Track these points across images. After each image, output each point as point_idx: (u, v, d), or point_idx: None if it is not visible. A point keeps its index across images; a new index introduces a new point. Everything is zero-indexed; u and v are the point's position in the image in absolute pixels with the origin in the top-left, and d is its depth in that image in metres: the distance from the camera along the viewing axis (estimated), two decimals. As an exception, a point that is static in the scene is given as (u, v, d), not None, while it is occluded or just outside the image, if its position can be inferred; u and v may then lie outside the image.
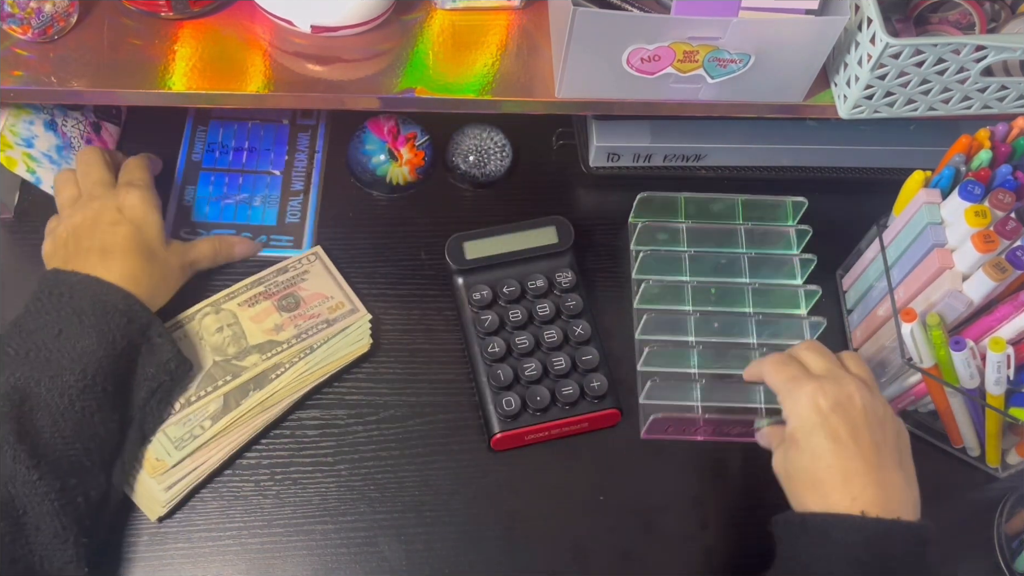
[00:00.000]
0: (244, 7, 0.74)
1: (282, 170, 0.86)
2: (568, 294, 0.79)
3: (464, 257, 0.79)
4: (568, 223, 0.81)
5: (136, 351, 0.68)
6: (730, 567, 0.73)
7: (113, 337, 0.66)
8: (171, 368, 0.70)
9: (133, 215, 0.72)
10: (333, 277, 0.80)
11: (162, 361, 0.69)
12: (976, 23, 0.75)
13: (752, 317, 0.82)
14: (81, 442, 0.63)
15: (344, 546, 0.71)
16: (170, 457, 0.70)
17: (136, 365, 0.68)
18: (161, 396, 0.70)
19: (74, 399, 0.63)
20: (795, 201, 0.85)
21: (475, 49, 0.74)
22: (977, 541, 0.76)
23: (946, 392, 0.73)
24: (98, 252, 0.69)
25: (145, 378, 0.69)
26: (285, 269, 0.79)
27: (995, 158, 0.71)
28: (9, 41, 0.70)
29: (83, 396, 0.64)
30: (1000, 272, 0.66)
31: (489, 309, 0.79)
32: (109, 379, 0.65)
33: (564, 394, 0.75)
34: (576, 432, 0.77)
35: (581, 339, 0.78)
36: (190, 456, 0.71)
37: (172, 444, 0.70)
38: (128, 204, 0.72)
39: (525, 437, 0.75)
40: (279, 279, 0.79)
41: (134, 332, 0.67)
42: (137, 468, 0.70)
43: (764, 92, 0.73)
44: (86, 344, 0.65)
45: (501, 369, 0.76)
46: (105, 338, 0.65)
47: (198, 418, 0.71)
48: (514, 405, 0.75)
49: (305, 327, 0.76)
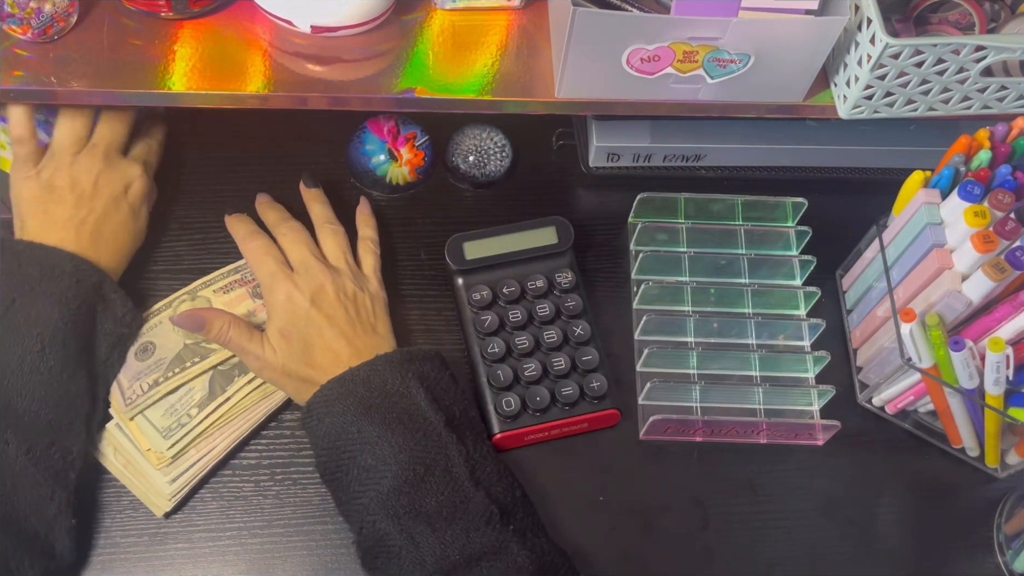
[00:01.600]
0: (244, 7, 0.74)
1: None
2: (568, 294, 0.79)
3: (464, 257, 0.79)
4: (568, 223, 0.81)
5: (92, 309, 0.70)
6: (730, 567, 0.73)
7: (65, 298, 0.68)
8: (127, 321, 0.73)
9: (134, 199, 0.76)
10: None
11: (118, 315, 0.72)
12: (976, 23, 0.75)
13: (751, 318, 0.82)
14: (53, 400, 0.66)
15: (344, 546, 0.71)
16: (164, 444, 0.70)
17: (95, 322, 0.71)
18: (121, 348, 0.73)
19: (36, 363, 0.66)
20: (795, 202, 0.85)
21: (475, 49, 0.74)
22: (977, 541, 0.76)
23: (945, 392, 0.73)
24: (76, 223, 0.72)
25: (105, 333, 0.71)
26: None
27: (995, 158, 0.71)
28: (9, 41, 0.70)
29: (45, 358, 0.66)
30: (999, 272, 0.66)
31: (489, 309, 0.79)
32: (70, 339, 0.68)
33: (564, 394, 0.75)
34: (576, 432, 0.77)
35: (581, 339, 0.78)
36: (193, 445, 0.71)
37: (160, 434, 0.70)
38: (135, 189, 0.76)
39: (525, 437, 0.75)
40: None
41: (86, 291, 0.70)
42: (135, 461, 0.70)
43: (764, 92, 0.73)
44: (40, 310, 0.67)
45: (501, 369, 0.76)
46: (58, 301, 0.68)
47: (184, 407, 0.72)
48: (514, 406, 0.75)
49: None
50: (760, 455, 0.78)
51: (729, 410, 0.78)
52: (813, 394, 0.79)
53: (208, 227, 0.83)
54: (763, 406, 0.79)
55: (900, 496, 0.77)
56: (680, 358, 0.80)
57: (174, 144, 0.86)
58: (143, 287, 0.79)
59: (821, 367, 0.80)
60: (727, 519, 0.75)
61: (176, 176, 0.86)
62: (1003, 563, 0.75)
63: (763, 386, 0.78)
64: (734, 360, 0.80)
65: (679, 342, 0.81)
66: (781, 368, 0.81)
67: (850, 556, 0.74)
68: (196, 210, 0.84)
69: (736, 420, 0.76)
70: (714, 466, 0.77)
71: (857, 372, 0.81)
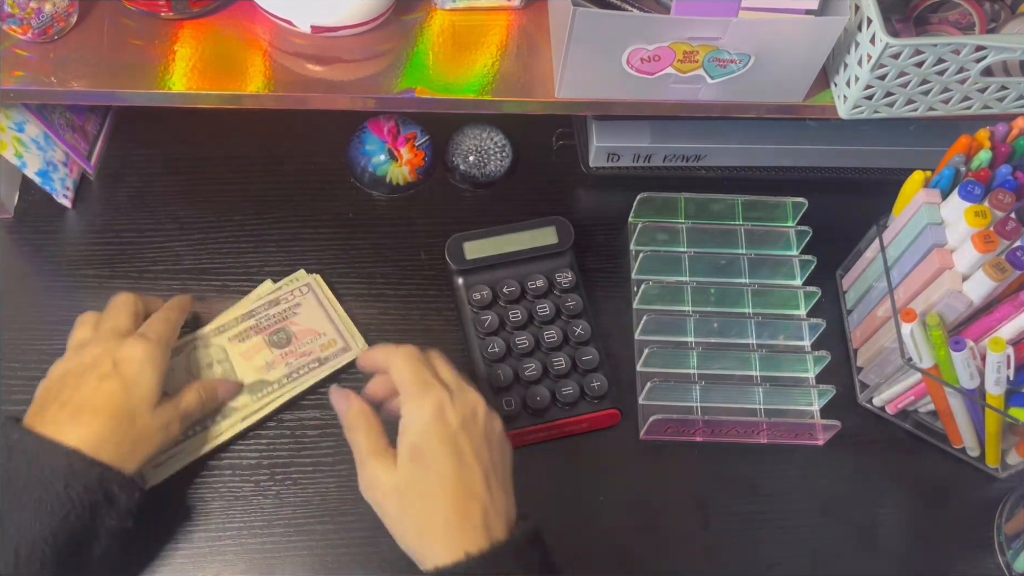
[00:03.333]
0: (244, 7, 0.74)
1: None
2: (568, 294, 0.79)
3: (464, 257, 0.79)
4: (568, 223, 0.81)
5: (88, 510, 0.59)
6: (730, 567, 0.73)
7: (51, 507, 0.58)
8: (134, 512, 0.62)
9: (127, 371, 0.64)
10: (326, 311, 0.78)
11: (124, 509, 0.61)
12: (976, 23, 0.75)
13: (752, 318, 0.82)
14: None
15: (344, 546, 0.71)
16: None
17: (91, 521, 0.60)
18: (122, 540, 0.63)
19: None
20: (795, 202, 0.85)
21: (475, 49, 0.74)
22: (977, 541, 0.76)
23: (946, 392, 0.73)
24: (71, 410, 0.62)
25: (105, 529, 0.61)
26: (277, 301, 0.77)
27: (995, 158, 0.71)
28: (9, 41, 0.70)
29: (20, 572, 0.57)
30: (1000, 272, 0.66)
31: (489, 309, 0.79)
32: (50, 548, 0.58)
33: (564, 394, 0.75)
34: (576, 432, 0.77)
35: (581, 339, 0.78)
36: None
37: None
38: (126, 357, 0.65)
39: (525, 437, 0.75)
40: (270, 312, 0.77)
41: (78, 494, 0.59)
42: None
43: (764, 92, 0.73)
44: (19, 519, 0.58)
45: (501, 369, 0.76)
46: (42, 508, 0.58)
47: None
48: (514, 405, 0.74)
49: (296, 365, 0.75)
50: (760, 455, 0.78)
51: (729, 410, 0.78)
52: (813, 394, 0.79)
53: (208, 227, 0.83)
54: (763, 406, 0.79)
55: (900, 496, 0.77)
56: (680, 358, 0.80)
57: (174, 144, 0.86)
58: (143, 287, 0.79)
59: (821, 367, 0.80)
60: (727, 519, 0.75)
61: (176, 176, 0.86)
62: (1003, 563, 0.75)
63: (763, 386, 0.78)
64: (734, 360, 0.80)
65: (679, 342, 0.81)
66: (781, 368, 0.81)
67: (850, 556, 0.74)
68: (196, 210, 0.84)
69: (736, 420, 0.76)
70: (714, 466, 0.77)
71: (857, 372, 0.81)
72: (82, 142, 0.83)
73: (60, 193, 0.82)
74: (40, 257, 0.81)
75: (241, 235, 0.84)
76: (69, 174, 0.83)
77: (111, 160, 0.86)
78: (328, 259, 0.83)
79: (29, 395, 0.65)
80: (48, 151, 0.80)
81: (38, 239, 0.81)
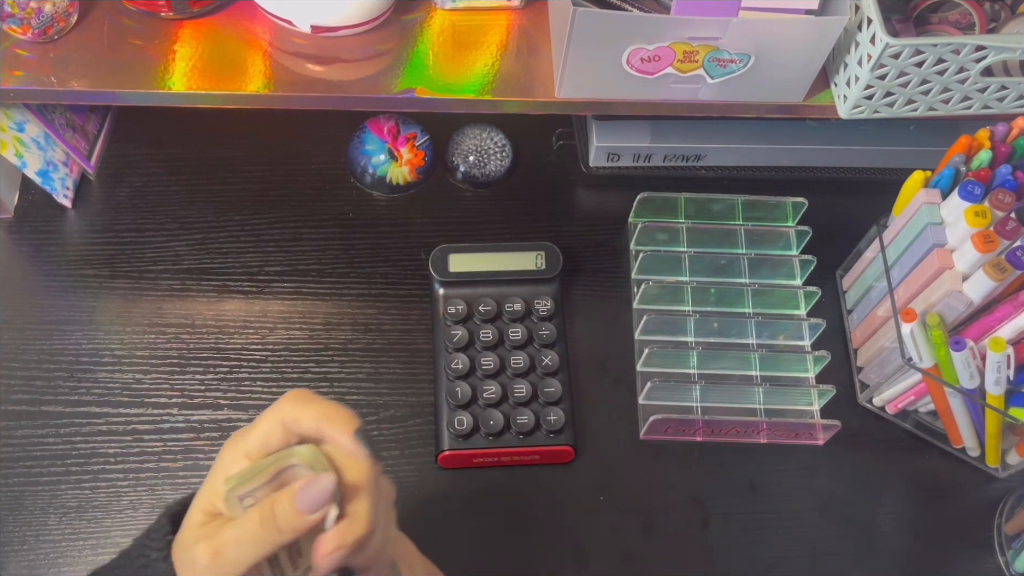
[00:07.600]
0: (244, 7, 0.74)
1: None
2: (544, 322, 0.78)
3: (447, 269, 0.79)
4: (558, 250, 0.80)
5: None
6: (730, 567, 0.73)
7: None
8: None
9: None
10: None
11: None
12: (976, 23, 0.75)
13: (752, 318, 0.82)
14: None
15: (344, 546, 0.71)
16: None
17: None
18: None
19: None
20: (795, 202, 0.85)
21: (475, 49, 0.74)
22: (977, 541, 0.76)
23: (946, 392, 0.73)
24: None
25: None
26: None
27: (995, 158, 0.71)
28: (9, 41, 0.70)
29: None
30: (1000, 272, 0.66)
31: (462, 325, 0.77)
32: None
33: (519, 423, 0.74)
34: (526, 463, 0.75)
35: (548, 370, 0.76)
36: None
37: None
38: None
39: (473, 459, 0.74)
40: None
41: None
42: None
43: (764, 92, 0.73)
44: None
45: (460, 387, 0.75)
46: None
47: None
48: (466, 425, 0.73)
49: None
50: (760, 455, 0.78)
51: (729, 410, 0.78)
52: (813, 394, 0.79)
53: (208, 227, 0.83)
54: (763, 406, 0.79)
55: (900, 496, 0.77)
56: (680, 358, 0.80)
57: (174, 144, 0.86)
58: (143, 287, 0.79)
59: (821, 367, 0.80)
60: (727, 519, 0.75)
61: (176, 176, 0.86)
62: (1003, 563, 0.75)
63: (763, 386, 0.78)
64: (734, 360, 0.80)
65: (679, 342, 0.81)
66: (781, 368, 0.81)
67: (850, 556, 0.74)
68: (196, 210, 0.84)
69: (736, 420, 0.76)
70: (714, 466, 0.77)
71: (857, 372, 0.81)
72: (82, 142, 0.83)
73: (60, 193, 0.82)
74: (40, 257, 0.81)
75: (241, 235, 0.84)
76: (69, 174, 0.83)
77: (111, 160, 0.86)
78: (328, 259, 0.83)
79: (29, 395, 0.64)
80: (48, 151, 0.80)
81: (38, 239, 0.81)
